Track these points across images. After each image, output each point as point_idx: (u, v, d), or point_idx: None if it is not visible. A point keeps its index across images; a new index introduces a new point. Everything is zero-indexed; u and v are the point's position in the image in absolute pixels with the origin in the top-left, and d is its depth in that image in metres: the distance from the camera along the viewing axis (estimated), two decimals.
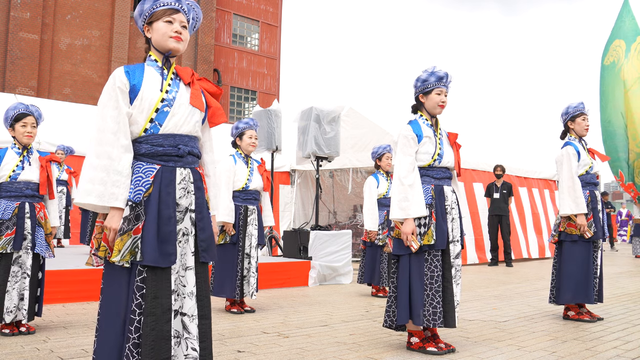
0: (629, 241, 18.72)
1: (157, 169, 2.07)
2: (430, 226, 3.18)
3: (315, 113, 7.14)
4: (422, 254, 3.20)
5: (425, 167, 3.28)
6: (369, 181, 5.66)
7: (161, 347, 1.97)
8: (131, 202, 2.02)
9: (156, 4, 2.14)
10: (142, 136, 2.08)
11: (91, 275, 5.13)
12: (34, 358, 3.02)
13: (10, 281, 3.53)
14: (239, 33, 25.82)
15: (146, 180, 2.05)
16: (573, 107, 4.44)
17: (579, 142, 4.42)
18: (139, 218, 2.02)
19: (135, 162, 2.07)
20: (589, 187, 4.36)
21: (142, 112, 2.07)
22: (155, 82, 2.12)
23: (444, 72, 3.31)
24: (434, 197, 3.23)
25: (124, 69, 2.09)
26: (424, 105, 3.36)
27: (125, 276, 2.01)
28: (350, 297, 5.74)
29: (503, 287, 6.57)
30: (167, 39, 2.12)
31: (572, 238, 4.29)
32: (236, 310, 4.57)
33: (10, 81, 18.77)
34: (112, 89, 2.05)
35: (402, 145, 3.25)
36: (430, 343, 3.22)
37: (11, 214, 3.57)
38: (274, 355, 3.14)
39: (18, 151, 3.67)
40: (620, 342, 3.54)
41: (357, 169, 9.89)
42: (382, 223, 5.62)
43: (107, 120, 2.02)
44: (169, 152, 2.09)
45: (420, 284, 3.17)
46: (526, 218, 10.98)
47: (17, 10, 19.09)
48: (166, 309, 2.00)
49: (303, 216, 10.18)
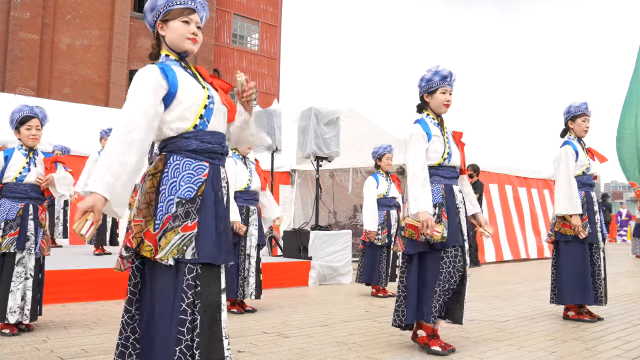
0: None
1: (207, 166, 2.03)
2: (440, 223, 3.17)
3: (315, 113, 7.14)
4: (437, 253, 3.19)
5: (435, 166, 3.27)
6: (369, 181, 5.66)
7: (216, 348, 1.93)
8: (180, 198, 1.95)
9: (172, 1, 2.07)
10: (190, 131, 2.01)
11: (91, 275, 5.14)
12: (34, 358, 3.02)
13: (14, 281, 3.55)
14: (239, 33, 25.82)
15: (198, 178, 2.00)
16: (575, 106, 4.43)
17: (578, 142, 4.41)
18: (188, 215, 1.96)
19: (181, 157, 2.00)
20: (584, 188, 4.36)
21: (190, 107, 2.01)
22: (191, 80, 2.07)
23: (448, 71, 3.31)
24: (444, 196, 3.24)
25: (158, 66, 2.01)
26: (429, 105, 3.35)
27: (170, 275, 1.93)
28: (350, 297, 5.74)
29: (503, 287, 6.57)
30: (184, 40, 2.08)
31: (567, 238, 4.30)
32: (236, 310, 4.57)
33: (10, 81, 18.77)
34: (147, 82, 1.95)
35: (413, 143, 3.23)
36: (436, 341, 3.21)
37: (15, 215, 3.60)
38: (274, 355, 3.14)
39: (25, 153, 3.70)
40: (620, 342, 3.54)
41: (357, 169, 9.89)
42: (381, 223, 5.62)
43: (137, 115, 1.90)
44: (216, 149, 2.06)
45: (432, 282, 3.17)
46: (525, 218, 10.98)
47: (17, 10, 19.09)
48: (218, 308, 1.97)
49: (303, 216, 10.17)
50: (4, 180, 3.64)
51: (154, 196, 1.96)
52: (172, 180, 1.97)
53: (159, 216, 1.94)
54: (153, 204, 1.96)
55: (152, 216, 1.95)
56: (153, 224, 1.93)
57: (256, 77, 26.06)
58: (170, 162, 1.99)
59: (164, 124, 2.00)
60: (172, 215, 1.94)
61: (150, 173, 2.01)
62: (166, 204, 1.95)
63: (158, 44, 2.15)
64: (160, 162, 2.01)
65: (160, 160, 2.02)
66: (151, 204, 1.96)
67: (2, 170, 3.62)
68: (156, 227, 1.93)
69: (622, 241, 20.08)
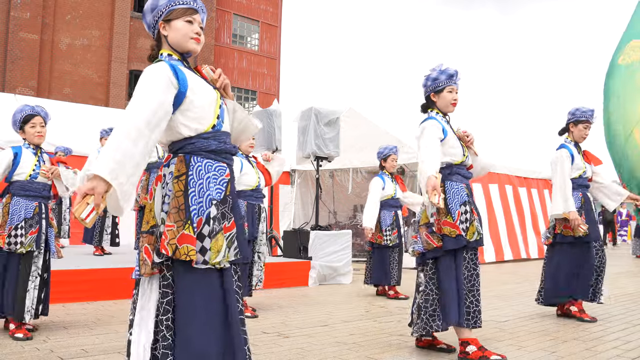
0: None
1: (227, 167, 2.03)
2: (473, 221, 3.15)
3: (315, 113, 7.14)
4: (461, 254, 3.15)
5: (457, 164, 3.26)
6: (376, 181, 5.63)
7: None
8: (213, 200, 1.95)
9: (175, 1, 2.05)
10: (209, 132, 1.99)
11: (91, 275, 5.14)
12: (34, 358, 3.02)
13: (30, 280, 3.56)
14: (239, 33, 25.83)
15: (222, 178, 2.00)
16: (582, 111, 4.43)
17: (574, 146, 4.44)
18: (225, 216, 1.97)
19: (201, 159, 1.97)
20: (581, 189, 4.40)
21: (207, 108, 2.00)
22: (200, 80, 2.06)
23: (454, 70, 3.29)
24: (469, 195, 3.23)
25: (168, 63, 1.98)
26: (436, 104, 3.33)
27: (213, 278, 1.90)
28: (350, 297, 5.74)
29: (503, 287, 6.57)
30: (188, 40, 2.05)
31: (568, 240, 4.31)
32: (249, 314, 4.41)
33: (10, 81, 18.78)
34: (158, 79, 1.92)
35: (429, 134, 3.15)
36: (489, 351, 3.03)
37: (32, 213, 3.61)
38: (274, 355, 3.14)
39: (33, 151, 3.70)
40: (620, 342, 3.54)
41: (357, 169, 9.89)
42: (391, 224, 5.60)
43: (144, 110, 1.86)
44: (229, 149, 2.07)
45: (460, 284, 3.12)
46: (525, 218, 10.98)
47: (17, 10, 19.10)
48: None
49: (303, 216, 10.17)
50: (15, 178, 3.61)
51: (182, 200, 1.91)
52: (200, 182, 1.94)
53: (194, 219, 1.89)
54: (184, 208, 1.90)
55: (185, 220, 1.88)
56: (191, 227, 1.87)
57: (256, 77, 26.07)
58: (192, 164, 1.95)
59: (179, 124, 1.97)
60: (210, 218, 1.91)
61: (174, 176, 1.95)
62: (199, 206, 1.91)
63: (158, 44, 2.11)
64: (182, 164, 1.95)
65: (181, 162, 1.96)
66: (181, 208, 1.90)
67: (14, 167, 3.61)
68: (195, 230, 1.88)
69: (622, 241, 20.08)
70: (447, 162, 3.24)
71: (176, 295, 1.88)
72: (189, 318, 1.85)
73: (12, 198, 3.60)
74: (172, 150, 2.02)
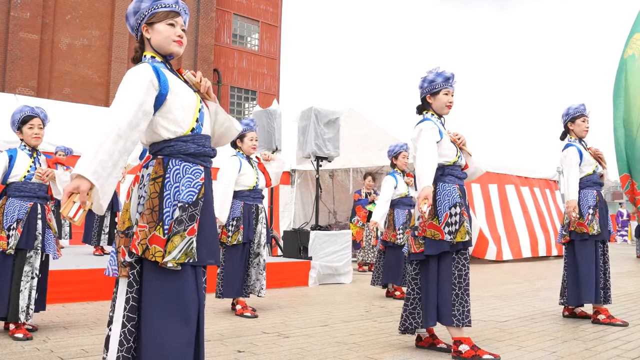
0: None
1: (203, 170, 2.05)
2: (463, 222, 3.16)
3: (315, 113, 7.14)
4: (449, 254, 3.18)
5: (450, 164, 3.28)
6: (388, 179, 5.57)
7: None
8: (183, 202, 1.97)
9: (157, 4, 2.07)
10: (188, 135, 2.03)
11: (91, 275, 5.13)
12: (34, 358, 3.02)
13: (23, 280, 3.56)
14: (239, 33, 25.82)
15: (197, 182, 2.02)
16: (574, 108, 4.45)
17: (580, 143, 4.43)
18: (193, 219, 1.98)
19: (179, 161, 2.01)
20: (595, 187, 4.37)
21: (185, 110, 2.02)
22: (181, 83, 2.08)
23: (450, 73, 3.32)
24: (460, 196, 3.25)
25: (150, 65, 2.01)
26: (432, 106, 3.35)
27: (179, 277, 1.95)
28: (350, 297, 5.74)
29: (503, 287, 6.57)
30: (171, 43, 2.08)
31: (582, 237, 4.28)
32: (249, 314, 4.44)
33: (10, 81, 18.77)
34: (140, 81, 1.94)
35: (426, 136, 3.19)
36: (482, 350, 3.08)
37: (25, 213, 3.61)
38: (274, 355, 3.14)
39: (29, 153, 3.72)
40: (620, 342, 3.54)
41: (357, 169, 9.89)
42: (404, 223, 5.55)
43: (125, 110, 1.89)
44: (208, 152, 2.09)
45: (449, 284, 3.15)
46: (525, 218, 10.98)
47: (17, 10, 19.09)
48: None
49: (303, 216, 10.18)
50: (10, 180, 3.65)
51: (157, 201, 1.95)
52: (175, 185, 1.98)
53: (166, 221, 1.94)
54: (157, 210, 1.95)
55: (157, 222, 1.94)
56: (162, 229, 1.93)
57: (256, 77, 26.06)
58: (170, 167, 1.99)
59: (159, 126, 2.00)
60: (177, 220, 1.94)
61: (151, 178, 1.99)
62: (172, 209, 1.95)
63: (142, 47, 2.15)
64: (160, 167, 1.99)
65: (159, 164, 2.00)
66: (155, 209, 1.95)
67: (9, 170, 3.63)
68: (165, 232, 1.93)
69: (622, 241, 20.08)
70: (440, 164, 3.26)
71: (143, 292, 1.97)
72: (154, 314, 1.94)
73: (8, 200, 3.63)
74: (151, 152, 2.07)
